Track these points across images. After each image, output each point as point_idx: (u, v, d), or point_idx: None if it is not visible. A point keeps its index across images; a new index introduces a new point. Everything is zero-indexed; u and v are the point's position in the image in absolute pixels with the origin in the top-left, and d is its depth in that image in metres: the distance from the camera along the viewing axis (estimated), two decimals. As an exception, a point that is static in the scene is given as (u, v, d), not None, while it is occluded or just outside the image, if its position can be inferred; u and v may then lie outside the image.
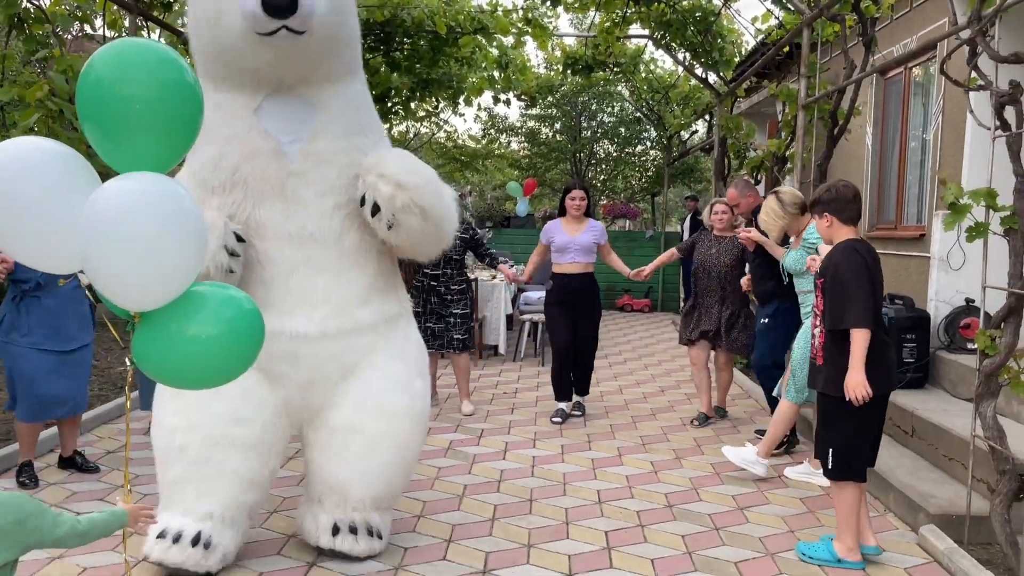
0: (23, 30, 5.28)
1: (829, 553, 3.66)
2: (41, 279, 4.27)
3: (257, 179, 3.30)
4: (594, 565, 3.64)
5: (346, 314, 3.43)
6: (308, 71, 3.28)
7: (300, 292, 3.37)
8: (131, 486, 4.19)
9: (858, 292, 3.47)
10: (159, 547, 3.25)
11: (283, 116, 3.30)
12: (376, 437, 3.50)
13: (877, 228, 8.48)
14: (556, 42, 11.85)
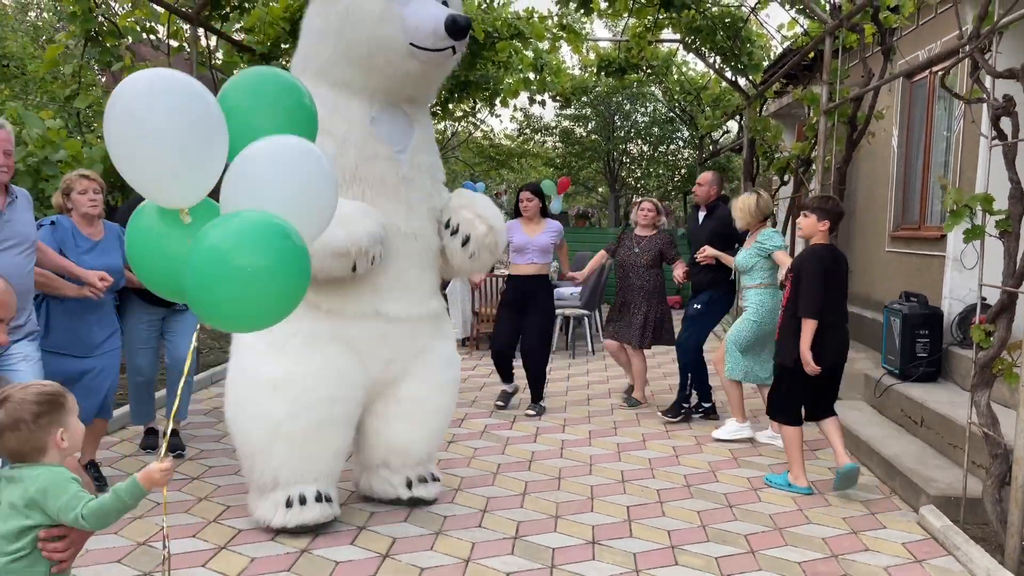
0: (98, 43, 5.75)
1: (784, 481, 4.70)
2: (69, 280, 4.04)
3: (375, 179, 3.75)
4: (616, 534, 4.01)
5: (425, 302, 4.01)
6: (424, 89, 3.91)
7: (398, 280, 3.84)
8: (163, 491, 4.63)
9: (811, 290, 4.41)
10: (293, 513, 3.71)
11: (393, 128, 3.81)
12: (433, 405, 4.13)
13: (901, 228, 8.70)
14: (590, 45, 12.16)
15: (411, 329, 3.94)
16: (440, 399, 4.17)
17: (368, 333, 3.80)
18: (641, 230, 6.50)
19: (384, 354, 3.90)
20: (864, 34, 6.01)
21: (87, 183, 4.25)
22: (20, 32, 11.69)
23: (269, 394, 3.66)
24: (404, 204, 3.84)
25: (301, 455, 3.72)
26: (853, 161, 9.66)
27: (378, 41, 3.55)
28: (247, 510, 4.08)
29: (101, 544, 3.67)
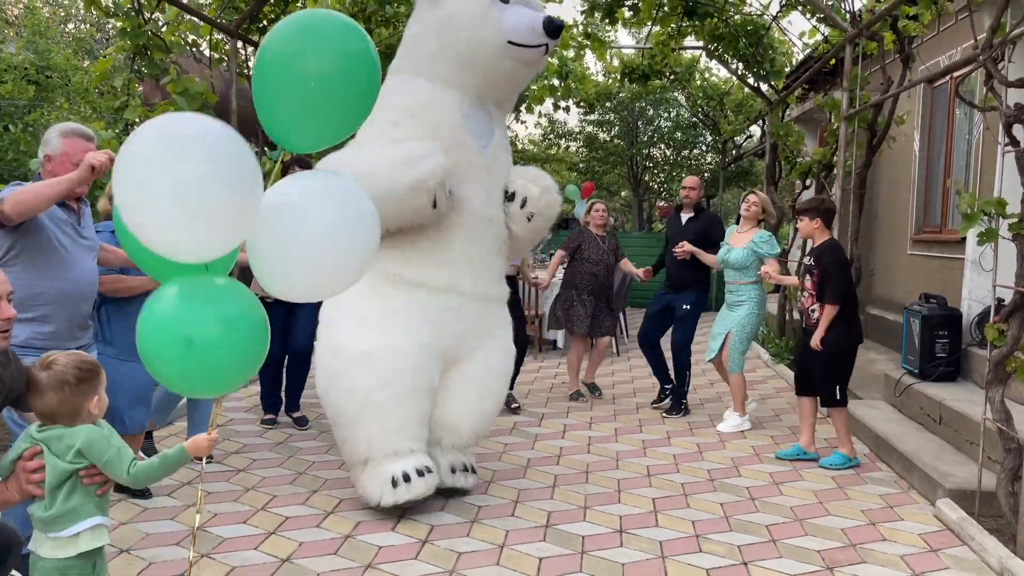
0: (146, 56, 6.04)
1: (841, 459, 5.17)
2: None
3: (462, 163, 4.09)
4: (642, 523, 4.21)
5: (495, 284, 4.38)
6: (513, 88, 4.34)
7: (475, 259, 4.21)
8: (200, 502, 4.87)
9: (839, 278, 4.99)
10: (401, 491, 3.93)
11: (479, 123, 4.21)
12: (489, 389, 4.42)
13: (923, 231, 8.81)
14: (614, 52, 12.35)
15: (480, 307, 4.28)
16: (493, 383, 4.43)
17: (444, 306, 4.13)
18: (597, 230, 6.97)
19: (455, 328, 4.20)
20: (883, 42, 6.15)
21: None
22: (62, 44, 12.10)
23: (357, 366, 3.96)
24: (484, 189, 4.22)
25: (392, 424, 3.97)
26: (875, 165, 9.79)
27: (478, 40, 3.95)
28: (293, 499, 4.34)
29: (159, 529, 3.93)
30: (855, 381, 7.42)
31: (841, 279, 5.01)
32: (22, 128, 8.59)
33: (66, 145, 3.41)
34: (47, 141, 3.45)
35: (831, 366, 5.10)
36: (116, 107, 6.24)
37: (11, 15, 15.43)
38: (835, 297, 4.99)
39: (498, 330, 4.46)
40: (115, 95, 6.19)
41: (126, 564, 3.54)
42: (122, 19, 5.92)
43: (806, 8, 7.53)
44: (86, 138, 3.47)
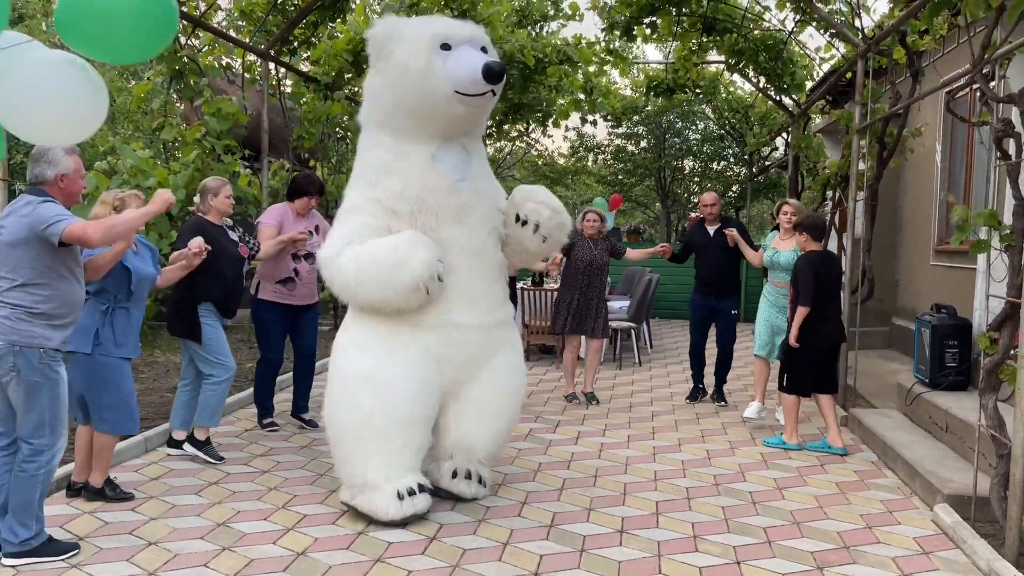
0: (181, 79, 6.40)
1: (780, 441, 5.90)
2: (133, 288, 4.33)
3: (439, 207, 4.28)
4: (643, 525, 4.38)
5: (492, 312, 4.50)
6: (473, 126, 4.50)
7: (466, 293, 4.35)
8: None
9: (804, 284, 5.64)
10: (407, 504, 4.16)
11: (452, 161, 4.36)
12: (499, 408, 4.58)
13: (945, 242, 8.83)
14: (639, 66, 12.54)
15: (481, 336, 4.43)
16: (504, 402, 4.59)
17: (443, 340, 4.31)
18: (591, 236, 7.25)
19: (458, 358, 4.39)
20: (892, 57, 6.27)
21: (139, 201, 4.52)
22: (108, 66, 12.64)
23: (360, 387, 4.18)
24: (466, 227, 4.37)
25: (390, 448, 4.17)
26: (899, 176, 9.85)
27: (426, 92, 4.12)
28: (311, 499, 4.60)
29: (187, 524, 4.20)
30: (872, 390, 7.49)
31: (808, 285, 5.62)
32: (69, 147, 9.03)
33: (75, 162, 3.80)
34: (56, 161, 3.71)
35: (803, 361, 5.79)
36: (154, 128, 6.60)
37: (60, 39, 16.10)
38: (804, 300, 5.63)
39: (504, 351, 4.59)
40: (153, 116, 6.55)
41: (154, 555, 3.81)
42: (159, 45, 6.27)
43: (820, 24, 7.65)
44: (78, 152, 3.91)
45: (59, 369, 3.68)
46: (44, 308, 3.59)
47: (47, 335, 3.60)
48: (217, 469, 5.13)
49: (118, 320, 4.30)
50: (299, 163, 9.40)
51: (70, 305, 3.71)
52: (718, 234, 6.97)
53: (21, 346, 3.54)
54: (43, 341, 3.58)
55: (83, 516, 4.25)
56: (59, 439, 3.71)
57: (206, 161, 6.14)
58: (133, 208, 4.30)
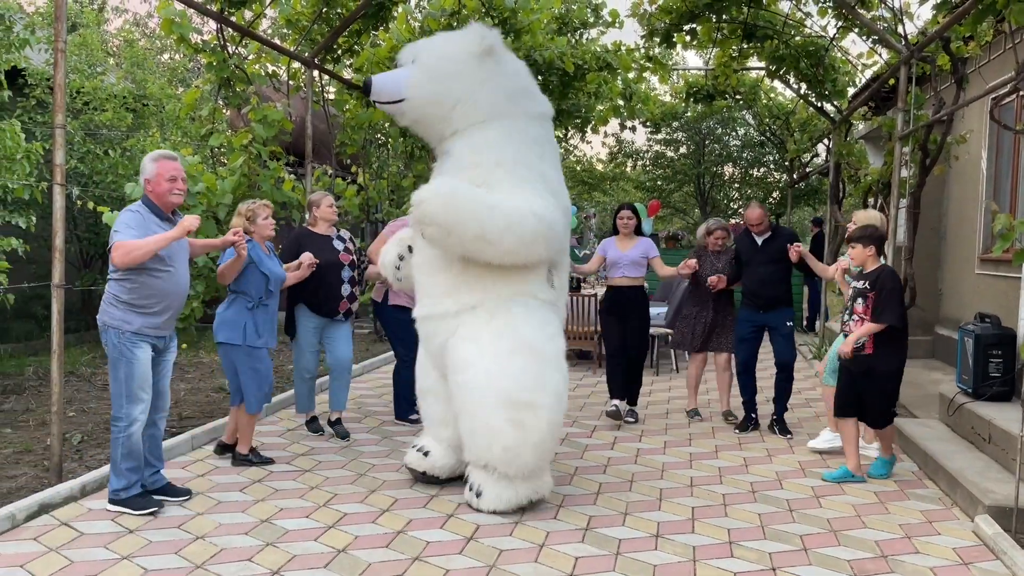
0: (230, 88, 6.57)
1: (845, 472, 5.31)
2: (272, 288, 5.11)
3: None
4: (679, 530, 4.40)
5: (435, 303, 4.67)
6: (424, 128, 4.87)
7: (419, 285, 4.82)
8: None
9: (891, 301, 5.11)
10: (408, 454, 5.01)
11: (437, 165, 4.81)
12: (458, 407, 4.57)
13: (990, 251, 8.69)
14: (679, 72, 12.53)
15: (431, 327, 4.71)
16: (461, 399, 4.49)
17: (420, 329, 4.86)
18: (715, 250, 7.00)
19: (427, 347, 4.85)
20: (935, 64, 6.21)
21: (267, 210, 5.24)
22: (157, 74, 13.00)
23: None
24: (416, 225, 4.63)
25: (423, 413, 5.08)
26: (944, 184, 9.72)
27: None
28: (352, 497, 4.71)
29: (233, 520, 4.32)
30: (914, 400, 7.40)
31: (898, 300, 5.16)
32: (120, 153, 9.31)
33: (159, 167, 4.31)
34: (143, 170, 4.33)
35: (888, 387, 5.28)
36: (203, 134, 6.79)
37: (112, 47, 16.57)
38: (896, 318, 5.11)
39: (456, 344, 4.55)
40: (202, 123, 6.73)
41: (201, 549, 3.93)
42: (208, 55, 6.46)
43: (862, 30, 7.60)
44: (169, 158, 4.37)
45: (136, 350, 4.23)
46: (128, 298, 4.22)
47: (128, 319, 4.22)
48: (260, 468, 5.26)
49: (259, 316, 5.07)
50: (342, 169, 9.58)
51: (158, 296, 4.26)
52: (766, 244, 6.53)
53: (108, 326, 4.23)
54: (123, 324, 4.21)
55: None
56: (134, 410, 4.25)
57: (252, 167, 6.30)
58: (262, 216, 5.15)
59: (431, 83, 4.60)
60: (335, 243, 5.89)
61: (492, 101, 4.62)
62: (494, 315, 4.51)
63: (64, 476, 4.70)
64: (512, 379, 4.36)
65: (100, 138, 9.53)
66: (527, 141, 4.67)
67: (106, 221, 5.42)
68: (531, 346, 4.45)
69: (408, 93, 4.64)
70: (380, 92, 4.69)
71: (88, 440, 5.68)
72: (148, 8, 22.68)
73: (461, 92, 4.59)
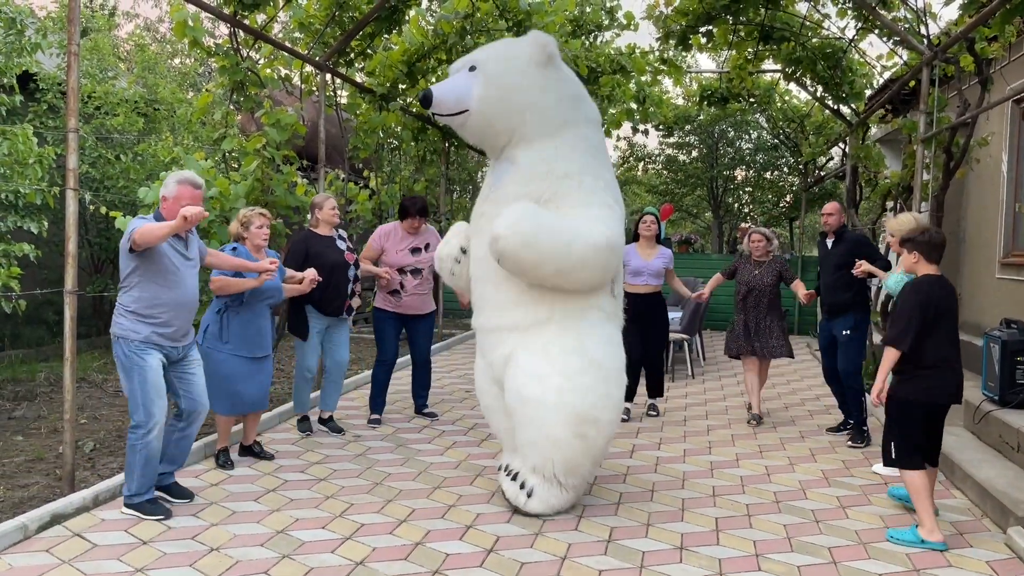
0: (242, 91, 6.50)
1: (915, 537, 4.29)
2: (246, 298, 5.11)
3: (475, 218, 4.79)
4: (703, 541, 4.29)
5: (500, 314, 4.61)
6: (489, 140, 4.73)
7: (480, 297, 4.74)
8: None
9: (902, 319, 4.29)
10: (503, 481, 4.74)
11: (496, 173, 4.73)
12: (520, 418, 4.48)
13: (1012, 255, 8.57)
14: (692, 75, 12.42)
15: (493, 339, 4.67)
16: (524, 411, 4.43)
17: (480, 340, 4.85)
18: (757, 258, 7.02)
19: (489, 357, 4.75)
20: (959, 65, 6.10)
21: (263, 219, 5.25)
22: (168, 78, 12.96)
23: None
24: (481, 234, 4.65)
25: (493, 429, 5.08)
26: (963, 187, 9.59)
27: None
28: (369, 507, 4.62)
29: (248, 531, 4.24)
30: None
31: (907, 318, 4.26)
32: (131, 158, 9.27)
33: (179, 191, 4.36)
34: (166, 185, 4.39)
35: (889, 420, 4.49)
36: (215, 138, 6.72)
37: (123, 51, 16.57)
38: (895, 339, 4.30)
39: (521, 355, 4.49)
40: (214, 127, 6.66)
41: (216, 561, 3.85)
42: (221, 58, 6.40)
43: (883, 31, 7.49)
44: (194, 186, 4.41)
45: (147, 357, 4.24)
46: (134, 307, 4.25)
47: (136, 328, 4.25)
48: (274, 476, 5.18)
49: (229, 321, 5.09)
50: (354, 173, 9.51)
51: (164, 305, 4.28)
52: (835, 247, 6.37)
53: (118, 336, 4.28)
54: (131, 334, 4.24)
55: (145, 520, 4.32)
56: (151, 419, 4.26)
57: (266, 171, 6.23)
58: (255, 226, 5.19)
59: (498, 93, 4.49)
60: (338, 243, 6.01)
61: (557, 109, 4.58)
62: (565, 329, 4.49)
63: (76, 485, 4.63)
64: (581, 396, 4.37)
65: (111, 143, 9.49)
66: (590, 149, 4.67)
67: (119, 226, 5.35)
68: (599, 364, 4.47)
69: (474, 104, 4.52)
70: (442, 104, 4.54)
71: (100, 448, 5.61)
72: (159, 13, 22.73)
73: (528, 101, 4.51)
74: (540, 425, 4.41)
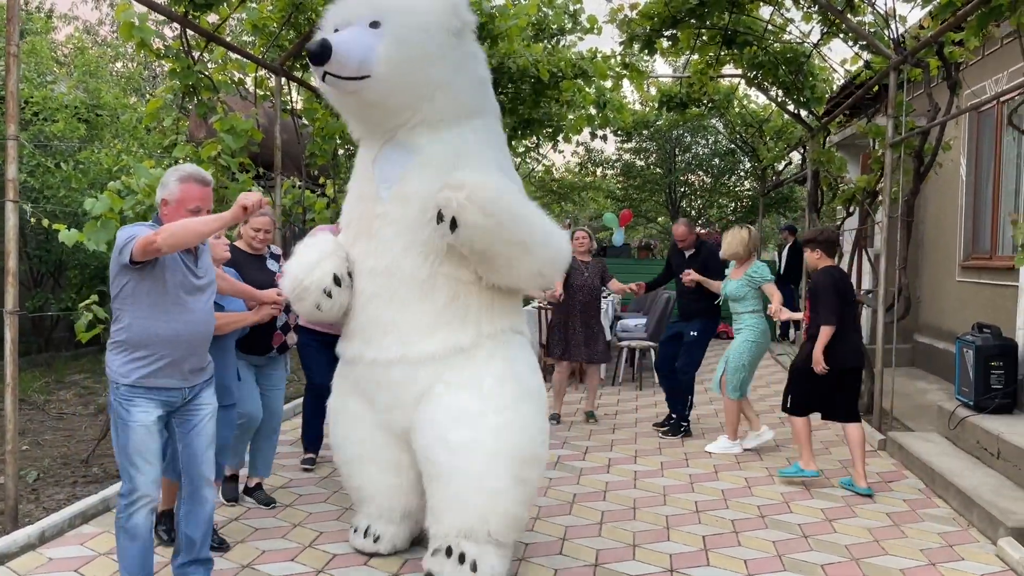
0: (194, 96, 6.17)
1: (796, 469, 5.41)
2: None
3: (358, 220, 3.84)
4: (694, 562, 4.13)
5: (411, 343, 3.65)
6: (377, 117, 3.71)
7: (374, 322, 3.73)
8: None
9: (827, 303, 5.21)
10: (354, 538, 4.13)
11: (388, 163, 3.72)
12: (445, 469, 3.56)
13: (972, 258, 8.64)
14: (650, 81, 12.36)
15: (402, 374, 3.68)
16: (451, 461, 3.54)
17: (364, 377, 3.82)
18: (581, 257, 7.19)
19: (383, 399, 3.78)
20: (929, 69, 6.08)
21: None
22: (111, 83, 12.45)
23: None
24: (375, 241, 3.70)
25: (352, 486, 4.12)
26: (922, 191, 9.64)
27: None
28: (340, 536, 4.35)
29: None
30: (905, 411, 7.26)
31: (830, 301, 5.21)
32: (73, 166, 8.81)
33: (183, 190, 3.34)
34: (165, 184, 3.38)
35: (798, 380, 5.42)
36: (165, 145, 6.37)
37: (62, 55, 15.94)
38: (828, 318, 5.20)
39: (446, 393, 3.62)
40: (164, 133, 6.32)
41: (177, 602, 3.54)
42: (172, 60, 6.07)
43: (847, 36, 7.47)
44: (202, 182, 3.39)
45: (132, 410, 3.25)
46: (122, 337, 3.28)
47: (124, 371, 3.26)
48: (238, 504, 4.87)
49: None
50: (310, 180, 9.19)
51: (151, 338, 3.26)
52: (692, 259, 6.91)
53: (111, 380, 3.33)
54: (119, 377, 3.27)
55: (99, 558, 3.99)
56: (133, 491, 3.26)
57: (221, 180, 5.91)
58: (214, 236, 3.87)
59: (407, 60, 3.55)
60: (269, 263, 4.75)
61: (470, 93, 3.81)
62: (492, 356, 3.70)
63: (20, 520, 4.27)
64: (520, 433, 3.61)
65: (51, 150, 9.02)
66: (500, 146, 4.00)
67: (61, 239, 4.99)
68: (532, 393, 3.77)
69: (379, 69, 3.51)
70: (345, 62, 3.46)
71: (45, 477, 5.23)
72: (99, 15, 22.00)
73: (440, 78, 3.65)
74: (473, 476, 3.53)
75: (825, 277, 5.31)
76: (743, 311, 6.25)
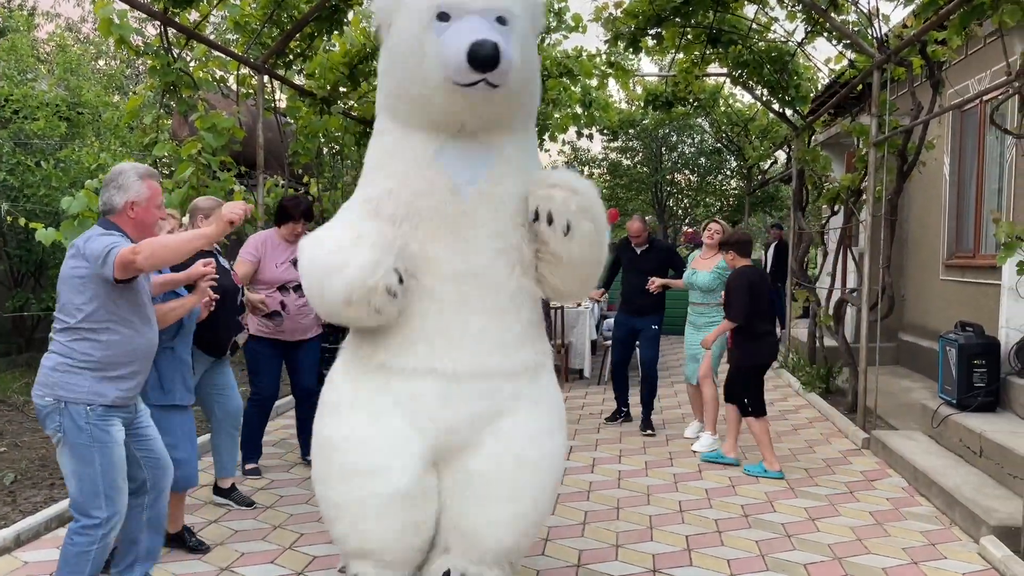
0: (175, 94, 6.11)
1: (760, 469, 5.65)
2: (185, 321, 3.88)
3: (431, 214, 3.26)
4: (677, 562, 4.11)
5: (497, 356, 3.33)
6: (493, 121, 3.25)
7: (457, 330, 3.27)
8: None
9: (737, 301, 5.61)
10: None
11: (463, 158, 3.27)
12: (513, 487, 3.32)
13: (955, 256, 8.67)
14: (636, 79, 12.36)
15: (479, 387, 3.29)
16: (523, 479, 3.32)
17: (424, 393, 3.25)
18: None
19: (445, 419, 3.28)
20: (912, 67, 6.09)
21: (174, 223, 4.17)
22: (93, 80, 12.34)
23: (327, 456, 3.34)
24: (464, 242, 3.26)
25: (356, 529, 3.29)
26: (905, 190, 9.67)
27: (419, 78, 3.12)
28: (320, 538, 4.30)
29: (188, 569, 3.89)
30: (888, 410, 7.28)
31: (739, 301, 5.58)
32: (53, 165, 8.72)
33: (150, 187, 3.29)
34: (127, 187, 3.25)
35: (739, 380, 5.72)
36: (146, 143, 6.31)
37: (43, 53, 15.78)
38: (735, 316, 5.62)
39: (524, 410, 3.36)
40: (145, 132, 6.26)
41: (154, 606, 3.50)
42: (152, 58, 6.00)
43: (832, 34, 7.48)
44: (158, 179, 3.35)
45: (111, 429, 3.15)
46: (98, 356, 3.13)
47: (99, 390, 3.12)
48: (217, 505, 4.82)
49: (162, 363, 3.73)
50: (293, 179, 9.13)
51: (130, 354, 3.20)
52: (644, 254, 7.03)
53: (68, 403, 3.10)
54: (95, 397, 3.11)
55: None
56: (115, 514, 3.17)
57: (201, 178, 5.85)
58: (166, 230, 3.81)
59: (528, 63, 3.23)
60: (223, 263, 4.56)
61: (538, 95, 3.53)
62: (551, 374, 3.58)
63: (-5, 524, 4.21)
64: (564, 454, 3.60)
65: (31, 148, 8.92)
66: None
67: (40, 239, 4.92)
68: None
69: (515, 76, 3.10)
70: (507, 71, 2.99)
71: (22, 479, 5.16)
72: (82, 12, 21.85)
73: (535, 79, 3.39)
74: (539, 494, 3.38)
75: (740, 278, 5.67)
76: (713, 303, 6.44)
